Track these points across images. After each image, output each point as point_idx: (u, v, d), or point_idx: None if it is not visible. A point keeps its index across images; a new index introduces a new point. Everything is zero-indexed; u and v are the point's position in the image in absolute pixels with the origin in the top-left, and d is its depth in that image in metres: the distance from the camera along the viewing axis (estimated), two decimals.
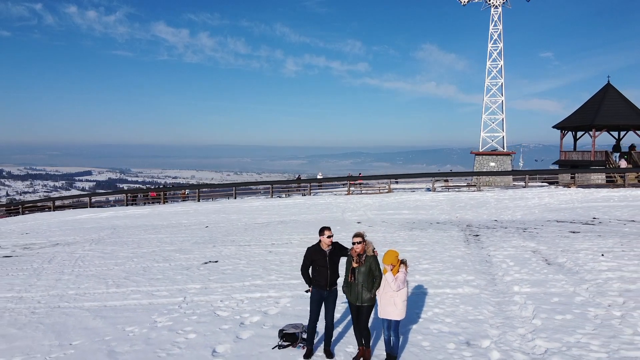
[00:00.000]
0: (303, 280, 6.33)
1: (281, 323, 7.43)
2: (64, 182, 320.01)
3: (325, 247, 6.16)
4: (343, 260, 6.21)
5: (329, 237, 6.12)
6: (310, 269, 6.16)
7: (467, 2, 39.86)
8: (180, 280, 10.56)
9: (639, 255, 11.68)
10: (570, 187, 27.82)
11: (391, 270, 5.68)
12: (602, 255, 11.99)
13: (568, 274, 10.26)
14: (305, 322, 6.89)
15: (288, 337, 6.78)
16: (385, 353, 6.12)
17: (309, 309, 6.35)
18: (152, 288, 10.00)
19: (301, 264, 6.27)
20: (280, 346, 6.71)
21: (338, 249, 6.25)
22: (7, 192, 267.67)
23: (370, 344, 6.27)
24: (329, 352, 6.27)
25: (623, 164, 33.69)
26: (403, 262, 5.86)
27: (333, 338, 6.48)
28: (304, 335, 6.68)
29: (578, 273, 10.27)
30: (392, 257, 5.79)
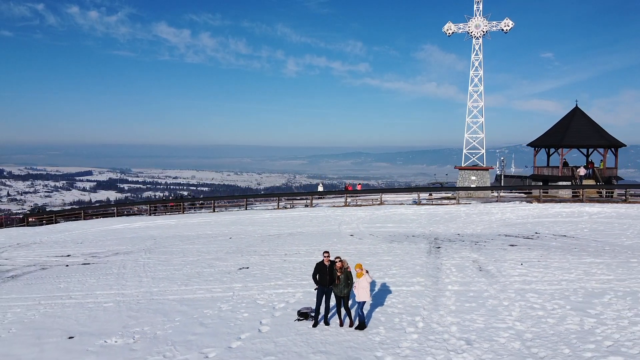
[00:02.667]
0: (312, 281, 11.21)
1: (298, 307, 12.33)
2: (64, 182, 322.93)
3: (326, 263, 11.06)
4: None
5: (325, 257, 11.04)
6: (318, 275, 11.04)
7: (452, 33, 44.82)
8: (226, 281, 15.47)
9: (547, 265, 16.60)
10: (532, 203, 32.71)
11: (358, 272, 10.64)
12: (522, 264, 16.89)
13: (489, 277, 15.16)
14: (313, 306, 11.78)
15: (303, 315, 11.68)
16: (358, 322, 11.01)
17: (315, 299, 11.24)
18: (209, 286, 14.90)
19: (312, 272, 11.16)
20: (298, 319, 11.60)
21: (332, 264, 11.13)
22: (7, 192, 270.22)
23: (352, 317, 11.16)
24: (326, 322, 11.18)
25: (582, 171, 38.65)
26: (367, 270, 10.80)
27: (329, 315, 11.38)
28: (312, 314, 11.55)
29: (496, 277, 15.17)
30: (358, 267, 10.77)
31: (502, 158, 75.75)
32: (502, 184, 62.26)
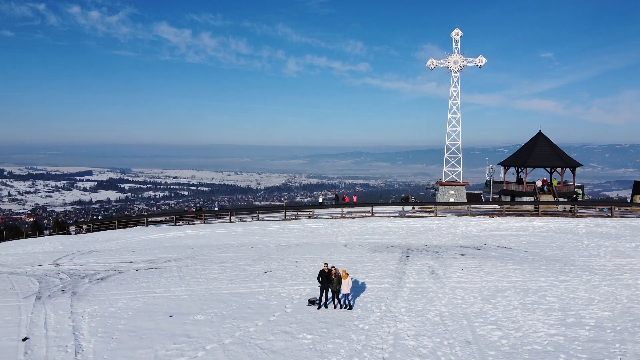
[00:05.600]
0: (316, 281, 18.48)
1: (308, 297, 19.56)
2: (65, 182, 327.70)
3: (325, 270, 18.34)
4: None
5: (325, 266, 18.34)
6: (320, 278, 18.29)
7: (434, 67, 52.08)
8: (257, 280, 22.72)
9: (479, 270, 23.81)
10: (493, 217, 39.95)
11: (344, 275, 17.93)
12: (462, 269, 24.12)
13: (436, 279, 22.41)
14: (318, 296, 19.03)
15: (311, 302, 18.96)
16: (348, 306, 18.27)
17: (318, 292, 18.52)
18: (247, 284, 22.14)
19: (316, 276, 18.45)
20: (308, 305, 18.86)
21: (329, 271, 18.37)
22: (8, 192, 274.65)
23: (342, 304, 18.41)
24: (326, 306, 18.48)
25: (539, 183, 46.05)
26: (347, 273, 18.12)
27: (327, 302, 18.64)
28: (317, 302, 18.81)
29: (440, 278, 22.42)
30: (344, 272, 18.08)
31: (491, 165, 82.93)
32: (491, 190, 69.63)
